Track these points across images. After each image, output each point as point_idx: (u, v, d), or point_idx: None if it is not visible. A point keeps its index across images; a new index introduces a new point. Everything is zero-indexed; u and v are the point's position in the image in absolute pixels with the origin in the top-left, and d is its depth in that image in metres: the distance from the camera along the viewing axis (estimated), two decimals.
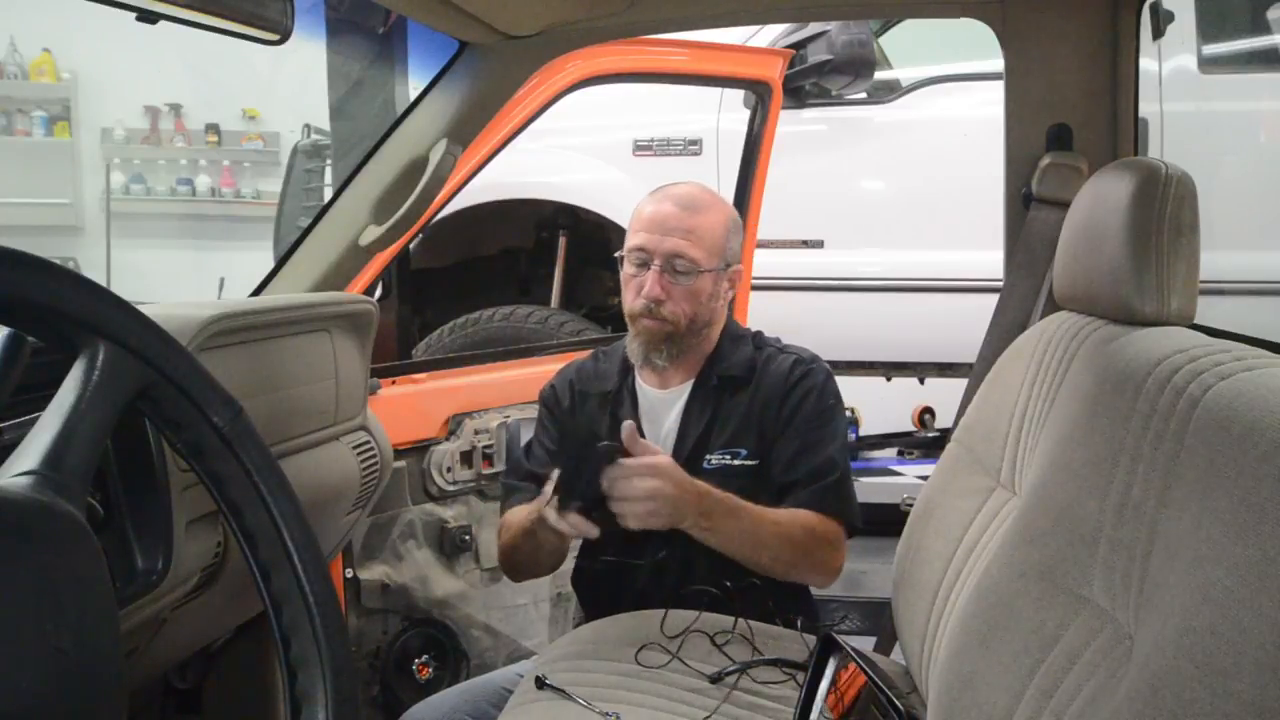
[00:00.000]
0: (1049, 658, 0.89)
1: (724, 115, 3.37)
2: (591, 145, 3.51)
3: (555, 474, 1.43)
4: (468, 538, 2.15)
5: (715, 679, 1.39)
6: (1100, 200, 1.12)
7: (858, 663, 1.16)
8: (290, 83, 5.38)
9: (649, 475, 1.40)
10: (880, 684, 1.11)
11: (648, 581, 1.62)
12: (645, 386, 1.68)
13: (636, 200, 1.66)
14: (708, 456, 1.60)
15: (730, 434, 1.61)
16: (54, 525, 0.58)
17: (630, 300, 1.61)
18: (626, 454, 1.41)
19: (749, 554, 1.50)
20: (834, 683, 1.20)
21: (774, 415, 1.60)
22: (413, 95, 2.26)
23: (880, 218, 3.48)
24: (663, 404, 1.67)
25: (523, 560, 1.61)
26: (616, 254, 1.64)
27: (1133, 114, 1.66)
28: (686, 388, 1.65)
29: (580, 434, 1.46)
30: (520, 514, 1.57)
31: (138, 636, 1.20)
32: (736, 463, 1.59)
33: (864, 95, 3.47)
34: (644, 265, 1.59)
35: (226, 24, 1.23)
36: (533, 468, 1.67)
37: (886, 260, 3.42)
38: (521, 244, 3.67)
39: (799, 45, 3.17)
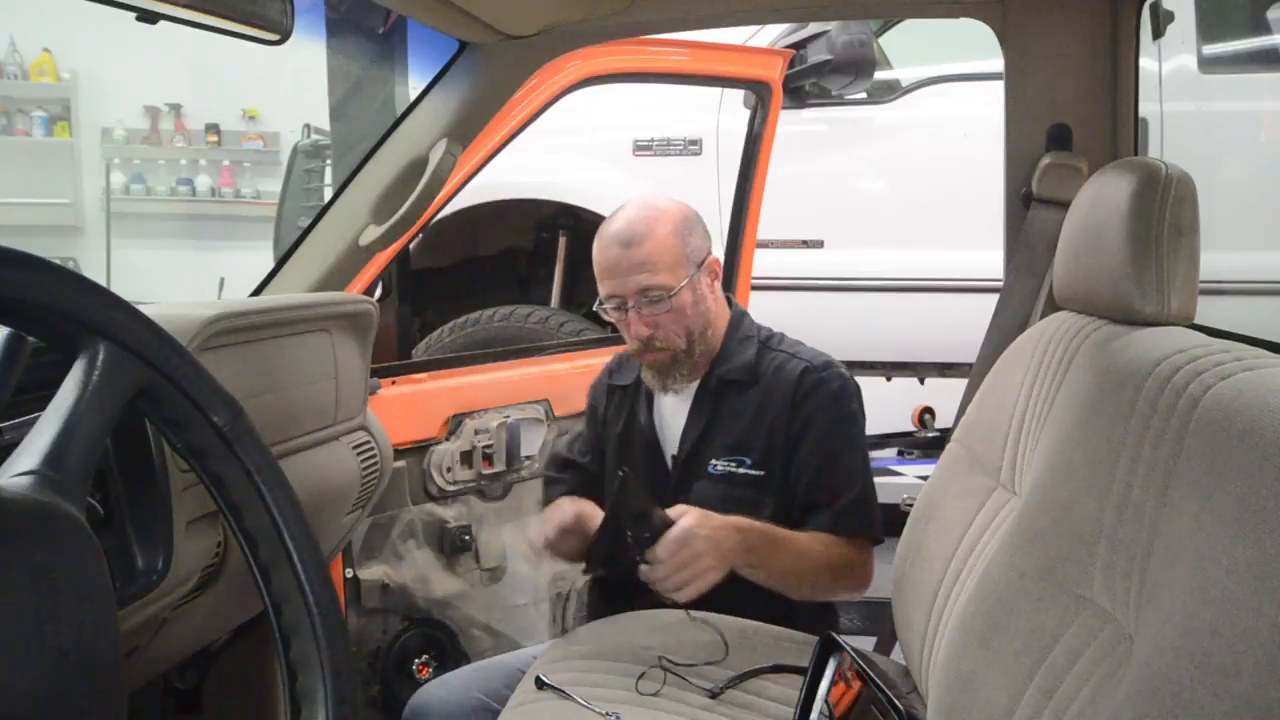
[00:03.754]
0: (1049, 658, 0.89)
1: (724, 115, 3.36)
2: (591, 145, 3.51)
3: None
4: (468, 538, 2.15)
5: (714, 694, 1.38)
6: (1100, 200, 1.12)
7: (858, 663, 1.16)
8: (290, 83, 5.38)
9: (678, 548, 1.37)
10: (880, 684, 1.11)
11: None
12: None
13: None
14: (712, 461, 1.59)
15: (734, 439, 1.59)
16: (54, 525, 0.58)
17: (629, 342, 1.64)
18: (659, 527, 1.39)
19: (793, 585, 1.50)
20: (834, 683, 1.20)
21: (783, 428, 1.57)
22: (413, 95, 2.26)
23: (880, 218, 3.47)
24: (671, 405, 1.68)
25: (569, 551, 1.57)
26: (595, 306, 1.65)
27: (1133, 114, 1.66)
28: (693, 389, 1.65)
29: (612, 524, 1.43)
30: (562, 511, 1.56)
31: (138, 636, 1.20)
32: (741, 471, 1.57)
33: (864, 95, 3.47)
34: (621, 309, 1.60)
35: (226, 24, 1.23)
36: (573, 457, 1.75)
37: (886, 260, 3.42)
38: (521, 244, 3.67)
39: (799, 45, 3.17)
